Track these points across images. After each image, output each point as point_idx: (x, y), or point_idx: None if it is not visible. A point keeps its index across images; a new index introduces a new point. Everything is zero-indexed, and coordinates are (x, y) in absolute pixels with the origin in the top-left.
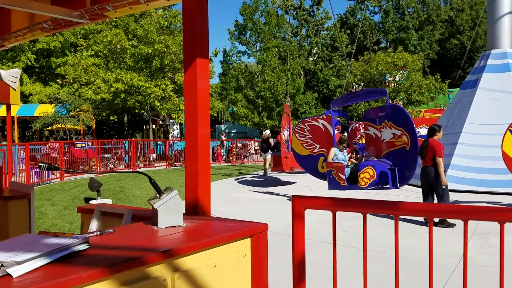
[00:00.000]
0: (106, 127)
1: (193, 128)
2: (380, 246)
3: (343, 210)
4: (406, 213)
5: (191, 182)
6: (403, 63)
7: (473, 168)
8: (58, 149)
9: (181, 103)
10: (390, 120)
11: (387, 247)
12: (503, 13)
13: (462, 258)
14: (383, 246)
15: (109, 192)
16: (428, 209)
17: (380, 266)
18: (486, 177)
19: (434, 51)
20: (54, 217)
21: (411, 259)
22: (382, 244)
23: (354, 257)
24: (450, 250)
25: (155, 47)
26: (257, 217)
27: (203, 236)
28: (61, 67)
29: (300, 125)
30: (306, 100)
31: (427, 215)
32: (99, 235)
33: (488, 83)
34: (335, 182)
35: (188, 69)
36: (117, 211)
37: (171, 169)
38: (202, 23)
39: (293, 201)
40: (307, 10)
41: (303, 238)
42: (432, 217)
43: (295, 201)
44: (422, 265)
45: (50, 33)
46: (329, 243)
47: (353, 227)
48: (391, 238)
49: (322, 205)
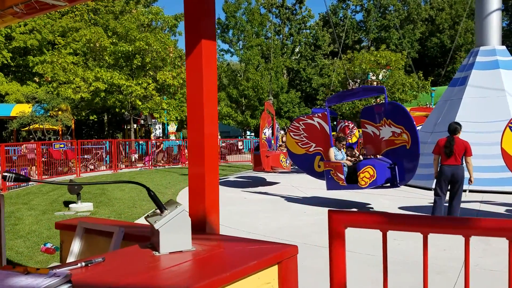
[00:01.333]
0: (85, 127)
1: (198, 126)
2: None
3: (397, 229)
4: (481, 232)
5: (196, 192)
6: (386, 61)
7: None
8: (36, 150)
9: (163, 102)
10: (389, 118)
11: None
12: (491, 10)
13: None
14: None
15: (89, 195)
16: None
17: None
18: (477, 175)
19: (415, 50)
20: (31, 223)
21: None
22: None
23: (359, 263)
24: (451, 253)
25: (136, 45)
26: (248, 219)
27: (221, 268)
28: (38, 65)
29: (294, 123)
30: (289, 99)
31: (509, 235)
32: (85, 266)
33: (477, 80)
34: (333, 182)
35: (192, 53)
36: (104, 229)
37: (154, 169)
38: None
39: (331, 217)
40: (289, 8)
41: (344, 264)
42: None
43: (333, 217)
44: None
45: (23, 19)
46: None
47: (348, 230)
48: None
49: (368, 223)
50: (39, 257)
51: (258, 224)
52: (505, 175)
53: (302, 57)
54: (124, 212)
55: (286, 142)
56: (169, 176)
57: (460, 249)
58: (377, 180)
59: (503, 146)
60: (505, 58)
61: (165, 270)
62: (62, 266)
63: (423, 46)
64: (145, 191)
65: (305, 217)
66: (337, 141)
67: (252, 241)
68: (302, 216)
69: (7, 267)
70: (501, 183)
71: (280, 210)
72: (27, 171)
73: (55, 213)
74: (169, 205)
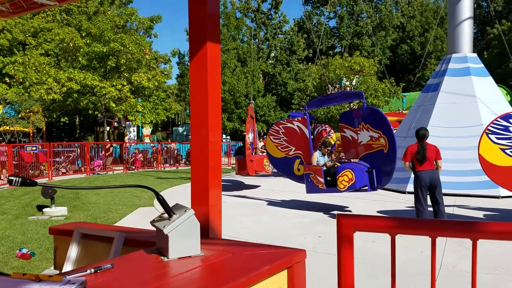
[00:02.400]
0: (56, 129)
1: (202, 130)
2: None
3: (406, 233)
4: (490, 236)
5: (199, 197)
6: (359, 67)
7: None
8: (6, 152)
9: (138, 104)
10: (367, 122)
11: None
12: (463, 18)
13: (441, 264)
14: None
15: (63, 199)
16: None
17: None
18: (450, 179)
19: (387, 57)
20: (4, 228)
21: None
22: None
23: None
24: (427, 254)
25: (110, 46)
26: (228, 223)
27: (234, 274)
28: (9, 66)
29: (274, 127)
30: (266, 103)
31: None
32: (94, 273)
33: (449, 87)
34: (313, 185)
35: (195, 56)
36: (103, 234)
37: (129, 173)
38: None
39: (340, 221)
40: (265, 13)
41: (352, 268)
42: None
43: (342, 221)
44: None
45: (8, 17)
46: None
47: (327, 232)
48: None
49: (377, 227)
50: (15, 263)
51: (239, 228)
52: (477, 179)
53: (278, 62)
54: (99, 216)
55: (266, 145)
56: (144, 180)
57: (436, 251)
58: (355, 184)
59: (481, 153)
60: (476, 65)
61: (177, 277)
62: (71, 273)
63: (394, 53)
64: (121, 195)
65: (284, 221)
66: (322, 146)
67: (260, 246)
68: (282, 220)
69: (16, 274)
70: (473, 187)
71: (260, 213)
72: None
73: (28, 217)
74: (177, 209)
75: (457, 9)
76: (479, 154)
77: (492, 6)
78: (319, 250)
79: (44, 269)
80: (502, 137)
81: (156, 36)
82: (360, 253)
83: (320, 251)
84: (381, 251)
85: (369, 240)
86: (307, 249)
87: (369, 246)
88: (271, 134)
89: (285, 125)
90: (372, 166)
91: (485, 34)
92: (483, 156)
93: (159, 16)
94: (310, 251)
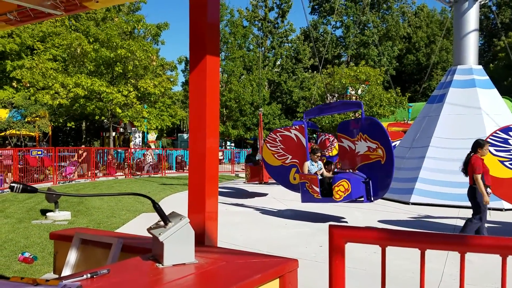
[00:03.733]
0: (62, 134)
1: (200, 139)
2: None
3: (396, 244)
4: (476, 249)
5: (196, 204)
6: (365, 77)
7: (440, 181)
8: (12, 156)
9: (144, 110)
10: (365, 133)
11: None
12: (469, 30)
13: (442, 275)
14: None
15: (67, 204)
16: (505, 245)
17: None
18: (453, 190)
19: (393, 67)
20: (7, 231)
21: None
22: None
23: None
24: (430, 266)
25: (118, 52)
26: (228, 230)
27: (226, 281)
28: (17, 70)
29: (271, 135)
30: (271, 111)
31: (502, 252)
32: (90, 278)
33: (454, 98)
34: (308, 195)
35: (196, 66)
36: (102, 240)
37: (133, 178)
38: (214, 5)
39: (332, 233)
40: (272, 22)
41: (343, 279)
42: (508, 255)
43: (334, 232)
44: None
45: (15, 26)
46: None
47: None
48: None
49: (368, 238)
50: (17, 267)
51: (238, 236)
52: None
53: (283, 70)
54: (103, 221)
55: (263, 153)
56: (148, 186)
57: (436, 262)
58: (351, 194)
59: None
60: (481, 77)
61: (171, 283)
62: (68, 278)
63: (400, 63)
64: (124, 200)
65: (284, 230)
66: (311, 153)
67: (253, 255)
68: (282, 229)
69: (15, 278)
70: None
71: (260, 222)
72: (2, 177)
73: (32, 221)
74: (173, 217)
75: (462, 21)
76: None
77: (499, 18)
78: (320, 259)
79: (45, 273)
80: (501, 149)
81: (163, 43)
82: (361, 264)
83: (321, 261)
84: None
85: (370, 251)
86: (307, 259)
87: (370, 257)
88: (268, 142)
89: (283, 133)
90: (369, 177)
91: (492, 46)
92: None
93: (166, 23)
94: (311, 260)
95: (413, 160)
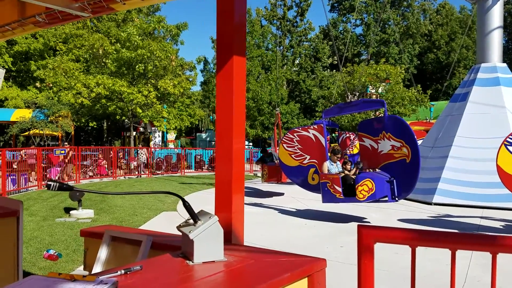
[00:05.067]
0: (84, 134)
1: (227, 138)
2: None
3: (426, 245)
4: (510, 250)
5: (223, 203)
6: (385, 75)
7: (463, 182)
8: (36, 155)
9: (163, 110)
10: (389, 131)
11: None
12: (493, 28)
13: (466, 277)
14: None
15: (90, 202)
16: None
17: None
18: (477, 191)
19: (414, 65)
20: (32, 229)
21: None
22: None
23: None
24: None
25: (138, 52)
26: (252, 231)
27: (256, 279)
28: (40, 70)
29: (288, 135)
30: (289, 110)
31: None
32: (125, 274)
33: (478, 97)
34: (330, 195)
35: (222, 68)
36: (131, 237)
37: (154, 177)
38: (241, 8)
39: (360, 232)
40: (290, 21)
41: (373, 279)
42: None
43: (363, 232)
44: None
45: (44, 28)
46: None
47: (350, 242)
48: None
49: (398, 238)
50: (42, 264)
51: (259, 235)
52: (504, 192)
53: (302, 69)
54: (125, 219)
55: (279, 153)
56: (168, 185)
57: (460, 264)
58: (375, 194)
59: (499, 163)
60: (505, 75)
61: (202, 280)
62: (102, 274)
63: (421, 61)
64: (145, 199)
65: (305, 229)
66: (332, 153)
67: (281, 253)
68: (302, 228)
69: (52, 274)
70: (500, 199)
71: (280, 221)
72: (26, 176)
73: (56, 219)
74: (202, 215)
75: (486, 18)
76: (497, 165)
77: None
78: (341, 260)
79: (70, 270)
80: None
81: (182, 43)
82: (383, 265)
83: (342, 261)
84: (404, 263)
85: (392, 252)
86: (328, 259)
87: (392, 257)
88: (285, 142)
89: (300, 133)
90: (393, 176)
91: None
92: (501, 167)
93: (185, 23)
94: (332, 261)
95: (435, 159)
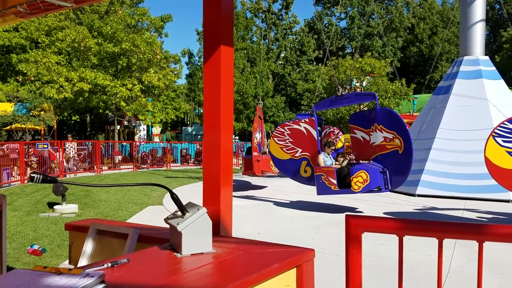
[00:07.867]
0: (66, 127)
1: (214, 130)
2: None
3: (413, 234)
4: (496, 238)
5: (211, 195)
6: (370, 68)
7: (446, 173)
8: (18, 149)
9: (148, 104)
10: (381, 123)
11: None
12: (476, 21)
13: (449, 267)
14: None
15: (74, 197)
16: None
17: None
18: (460, 182)
19: (397, 58)
20: (16, 224)
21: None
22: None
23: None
24: (435, 257)
25: (122, 46)
26: (239, 223)
27: (245, 270)
28: (22, 63)
29: (279, 128)
30: (275, 104)
31: None
32: (111, 267)
33: (461, 89)
34: (325, 187)
35: (210, 58)
36: (118, 230)
37: (139, 171)
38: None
39: (348, 222)
40: (275, 13)
41: (360, 268)
42: None
43: (351, 221)
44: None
45: (25, 18)
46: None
47: (336, 233)
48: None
49: (385, 228)
50: (26, 259)
51: (246, 228)
52: (487, 183)
53: (287, 62)
54: (109, 214)
55: (270, 147)
56: (154, 179)
57: (444, 253)
58: (370, 185)
59: (487, 155)
60: (488, 68)
61: (191, 272)
62: (89, 267)
63: (404, 54)
64: (130, 193)
65: (291, 222)
66: (326, 146)
67: (269, 244)
68: (289, 220)
69: (38, 267)
70: (483, 191)
71: (267, 214)
72: (9, 171)
73: (39, 214)
74: (190, 207)
75: (469, 11)
76: (485, 157)
77: (505, 8)
78: (327, 251)
79: (55, 265)
80: (508, 140)
81: (167, 36)
82: (368, 255)
83: (328, 253)
84: (389, 253)
85: (377, 243)
86: (316, 250)
87: (377, 248)
88: (275, 136)
89: (291, 126)
90: (386, 167)
91: (498, 37)
92: (489, 158)
93: (169, 15)
94: (318, 252)
95: (419, 152)
